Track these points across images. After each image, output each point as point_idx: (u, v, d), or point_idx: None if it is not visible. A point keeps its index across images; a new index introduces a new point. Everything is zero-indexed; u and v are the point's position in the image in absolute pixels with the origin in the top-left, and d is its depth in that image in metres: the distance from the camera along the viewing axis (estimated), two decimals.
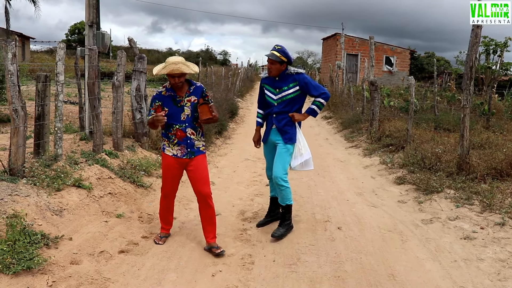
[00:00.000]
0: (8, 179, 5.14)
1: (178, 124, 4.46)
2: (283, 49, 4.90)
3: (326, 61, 39.89)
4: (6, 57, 4.98)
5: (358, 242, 4.94)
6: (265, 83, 5.18)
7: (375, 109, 11.82)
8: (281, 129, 4.99)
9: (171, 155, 4.54)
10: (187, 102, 4.47)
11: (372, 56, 12.68)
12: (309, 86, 4.96)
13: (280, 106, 5.01)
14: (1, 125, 10.66)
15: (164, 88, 4.52)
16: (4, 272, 3.67)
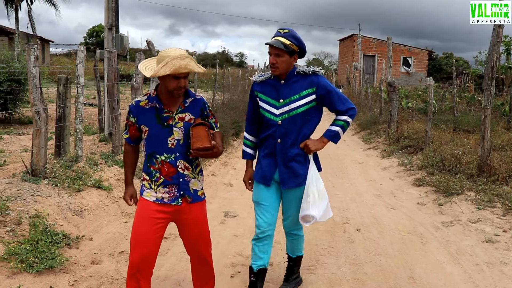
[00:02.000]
0: (30, 179, 5.23)
1: (165, 154, 2.91)
2: (293, 33, 3.18)
3: (343, 62, 39.72)
4: (29, 60, 5.07)
5: (378, 244, 4.90)
6: (260, 90, 3.37)
7: (393, 110, 11.73)
8: (289, 164, 3.31)
9: (153, 200, 2.94)
10: (179, 121, 2.91)
11: (390, 57, 12.59)
12: (333, 96, 3.27)
13: (286, 125, 3.26)
14: (23, 127, 10.86)
15: (146, 96, 2.96)
16: (28, 270, 3.73)
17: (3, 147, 7.93)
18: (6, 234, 4.17)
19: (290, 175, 3.32)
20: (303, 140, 3.30)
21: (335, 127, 3.33)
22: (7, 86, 10.16)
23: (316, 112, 3.33)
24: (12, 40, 27.19)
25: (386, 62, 12.90)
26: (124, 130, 3.09)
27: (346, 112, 3.32)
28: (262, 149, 3.44)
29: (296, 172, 3.31)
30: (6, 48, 12.83)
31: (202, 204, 3.11)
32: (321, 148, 3.33)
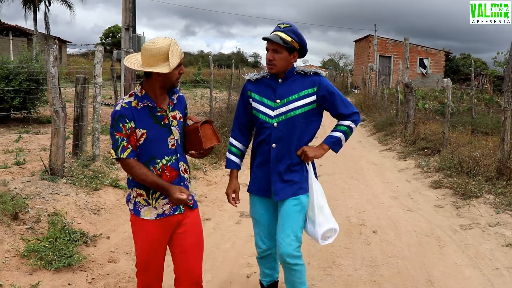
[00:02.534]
0: (49, 178, 5.30)
1: (166, 157, 2.61)
2: (294, 28, 2.90)
3: (358, 63, 39.50)
4: (48, 60, 5.14)
5: (394, 246, 4.86)
6: (254, 90, 3.05)
7: (410, 111, 11.63)
8: (283, 172, 2.96)
9: (153, 218, 2.62)
10: (173, 119, 2.66)
11: (407, 57, 12.49)
12: (336, 98, 2.97)
13: (282, 128, 2.92)
14: (41, 126, 11.00)
15: (133, 97, 2.59)
16: (47, 268, 3.78)
17: (22, 146, 8.04)
18: (26, 231, 4.23)
19: (284, 184, 2.94)
20: (300, 147, 2.95)
21: (337, 133, 3.00)
22: (26, 85, 10.30)
23: (316, 116, 2.99)
24: (30, 40, 27.58)
25: (403, 63, 12.80)
26: (119, 149, 2.52)
27: (349, 117, 2.99)
28: (255, 158, 3.08)
29: (291, 180, 2.94)
30: (25, 48, 13.01)
31: (198, 211, 2.84)
32: (320, 156, 2.98)
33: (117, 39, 48.57)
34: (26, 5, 30.51)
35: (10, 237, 4.05)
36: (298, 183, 2.95)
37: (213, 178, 7.40)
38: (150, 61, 2.49)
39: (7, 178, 5.35)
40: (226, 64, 44.77)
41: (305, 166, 3.00)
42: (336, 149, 3.03)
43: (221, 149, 8.89)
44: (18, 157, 6.73)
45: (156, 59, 2.49)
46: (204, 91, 25.36)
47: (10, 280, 3.53)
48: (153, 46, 2.48)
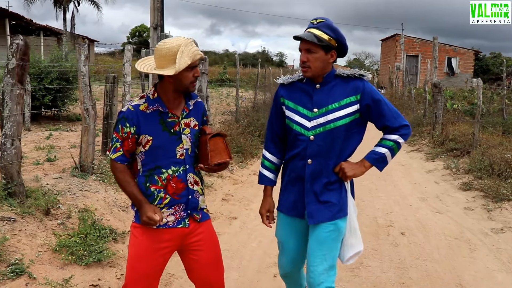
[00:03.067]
0: (79, 175, 5.40)
1: (172, 167, 2.43)
2: (329, 23, 2.50)
3: (385, 63, 39.06)
4: (79, 59, 5.23)
5: (423, 248, 4.79)
6: (287, 96, 2.66)
7: (438, 112, 11.44)
8: (319, 192, 2.57)
9: (154, 226, 2.43)
10: (185, 127, 2.47)
11: (435, 57, 12.28)
12: (382, 107, 2.54)
13: (319, 142, 2.53)
14: (71, 124, 11.22)
15: (144, 99, 2.44)
16: (77, 262, 3.86)
17: (53, 143, 8.23)
18: (57, 227, 4.31)
19: (319, 205, 2.56)
20: (339, 163, 2.57)
21: (381, 149, 2.56)
22: (57, 84, 10.53)
23: (358, 128, 2.58)
24: (60, 40, 28.17)
25: (431, 62, 12.59)
26: (112, 148, 2.42)
27: (397, 130, 2.54)
28: (287, 174, 2.70)
29: (328, 201, 2.56)
30: (56, 48, 13.30)
31: (211, 223, 2.63)
32: (360, 174, 2.58)
33: (144, 38, 49.24)
34: (57, 5, 31.18)
35: (42, 232, 4.14)
36: (336, 205, 2.56)
37: (239, 177, 7.43)
38: (160, 62, 2.33)
39: (39, 174, 5.47)
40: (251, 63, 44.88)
41: (344, 185, 2.62)
42: (380, 167, 2.60)
43: (247, 147, 8.92)
44: (50, 154, 6.89)
45: (166, 60, 2.31)
46: (229, 90, 25.45)
47: (44, 274, 3.61)
48: (163, 46, 2.32)
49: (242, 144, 8.82)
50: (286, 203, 2.68)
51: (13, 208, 4.20)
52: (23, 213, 4.19)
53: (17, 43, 4.02)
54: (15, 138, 4.27)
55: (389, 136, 2.56)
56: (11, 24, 23.54)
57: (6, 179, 4.30)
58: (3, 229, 3.90)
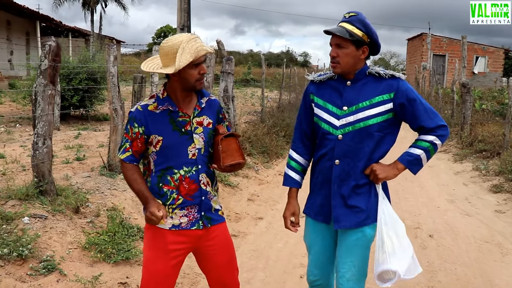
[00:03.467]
0: (107, 174, 5.49)
1: (184, 168, 2.37)
2: (361, 17, 2.40)
3: (411, 62, 38.51)
4: (108, 59, 5.31)
5: (452, 251, 4.70)
6: (317, 93, 2.55)
7: (467, 112, 11.23)
8: (346, 195, 2.44)
9: (168, 227, 2.39)
10: (197, 125, 2.40)
11: (464, 56, 12.08)
12: (417, 106, 2.39)
13: (348, 141, 2.41)
14: (98, 123, 11.41)
15: (154, 99, 2.39)
16: (106, 260, 3.92)
17: (82, 142, 8.38)
18: (87, 225, 4.39)
19: (346, 210, 2.42)
20: (369, 165, 2.41)
21: (416, 150, 2.40)
22: (85, 84, 10.72)
23: (391, 128, 2.44)
24: (88, 41, 28.69)
25: (459, 62, 12.37)
26: (121, 148, 2.39)
27: (434, 131, 2.38)
28: (314, 176, 2.59)
29: (355, 205, 2.41)
30: (84, 49, 13.55)
31: (225, 226, 2.56)
32: (393, 177, 2.41)
33: None
34: (85, 7, 31.77)
35: (72, 230, 4.22)
36: (364, 211, 2.41)
37: (265, 177, 7.43)
38: (164, 60, 2.27)
39: (69, 173, 5.58)
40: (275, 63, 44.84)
41: (374, 188, 2.44)
42: (414, 169, 2.44)
43: (272, 148, 8.91)
44: (78, 153, 7.02)
45: (169, 58, 2.23)
46: (254, 90, 25.48)
47: (74, 271, 3.68)
48: (165, 44, 2.25)
49: (267, 144, 8.83)
50: (313, 207, 2.57)
51: (44, 206, 4.30)
52: (54, 211, 4.28)
53: (49, 44, 4.10)
54: (46, 137, 4.36)
55: (425, 137, 2.40)
56: (41, 26, 24.10)
57: (37, 177, 4.40)
58: (35, 226, 3.99)
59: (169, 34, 50.58)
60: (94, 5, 31.75)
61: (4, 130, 9.45)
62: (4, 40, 21.29)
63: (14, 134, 9.20)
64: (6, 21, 22.07)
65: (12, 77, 20.00)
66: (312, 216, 2.59)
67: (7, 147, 7.54)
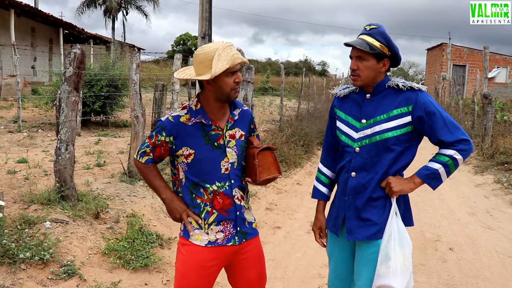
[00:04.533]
0: (127, 180, 5.54)
1: (217, 183, 2.30)
2: (382, 30, 2.37)
3: (430, 72, 38.16)
4: (131, 67, 5.38)
5: (473, 265, 4.62)
6: (340, 107, 2.58)
7: (488, 123, 11.08)
8: (360, 207, 2.41)
9: (203, 245, 2.32)
10: (230, 139, 2.34)
11: (486, 67, 11.94)
12: (437, 119, 2.33)
13: (364, 154, 2.41)
14: (118, 130, 11.54)
15: (186, 110, 2.32)
16: (125, 267, 3.95)
17: (102, 148, 8.47)
18: (106, 230, 4.44)
19: (359, 222, 2.40)
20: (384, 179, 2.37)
21: (435, 164, 2.33)
22: (106, 91, 10.87)
23: (410, 142, 2.39)
24: (109, 48, 29.11)
25: (481, 72, 12.22)
26: (140, 152, 2.33)
27: (454, 145, 2.30)
28: (337, 186, 2.59)
29: (368, 219, 2.38)
30: (106, 56, 13.75)
31: (258, 239, 2.48)
32: (409, 191, 2.37)
33: (188, 46, 50.20)
34: (106, 14, 32.29)
35: (92, 235, 4.27)
36: (377, 225, 2.36)
37: (283, 187, 7.41)
38: (198, 68, 2.21)
39: (89, 178, 5.65)
40: (293, 72, 44.87)
41: (390, 202, 2.38)
42: (432, 184, 2.35)
43: (291, 157, 8.90)
44: (99, 159, 7.10)
45: (204, 66, 2.18)
46: (272, 99, 25.52)
47: (93, 276, 3.71)
48: (200, 52, 2.20)
49: (286, 154, 8.81)
50: (330, 219, 2.58)
51: (65, 211, 4.36)
52: (74, 216, 4.34)
53: (74, 52, 4.18)
54: (69, 143, 4.43)
55: (444, 151, 2.32)
56: (64, 33, 24.54)
57: (59, 182, 4.46)
58: (56, 230, 4.05)
59: (188, 42, 51.11)
60: (115, 13, 32.24)
61: (27, 135, 9.62)
62: (28, 47, 21.72)
63: (36, 139, 9.35)
64: (31, 28, 22.54)
65: (35, 83, 20.37)
66: (329, 227, 2.59)
67: (29, 151, 7.66)
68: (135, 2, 33.31)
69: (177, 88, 6.18)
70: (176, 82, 6.18)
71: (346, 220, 2.44)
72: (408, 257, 2.32)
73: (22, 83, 15.21)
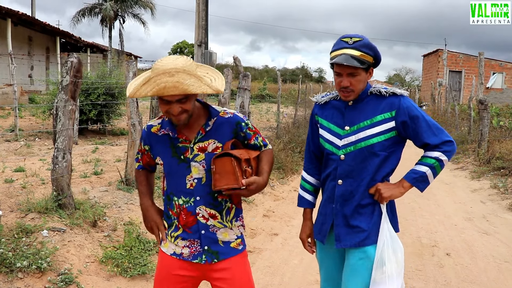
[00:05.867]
0: (124, 188, 5.55)
1: (182, 197, 2.18)
2: (366, 41, 2.34)
3: (426, 79, 38.34)
4: (128, 75, 5.41)
5: (470, 270, 4.64)
6: (321, 114, 2.54)
7: (484, 129, 11.13)
8: (348, 215, 2.39)
9: (169, 253, 2.24)
10: (199, 152, 2.15)
11: (481, 73, 12.00)
12: (420, 123, 2.34)
13: (350, 161, 2.38)
14: (115, 138, 11.54)
15: (160, 120, 2.25)
16: (123, 274, 3.96)
17: (99, 156, 8.48)
18: (104, 238, 4.44)
19: (347, 229, 2.38)
20: (373, 185, 2.37)
21: (422, 167, 2.36)
22: (103, 99, 10.89)
23: (394, 147, 2.38)
24: (105, 56, 29.16)
25: (476, 78, 12.30)
26: (135, 157, 2.44)
27: (439, 147, 2.33)
28: (322, 195, 2.56)
29: (357, 226, 2.36)
30: (102, 64, 13.79)
31: (241, 258, 2.27)
32: (399, 196, 2.36)
33: (185, 54, 50.31)
34: (103, 23, 32.35)
35: (90, 243, 4.27)
36: (365, 232, 2.34)
37: (280, 193, 7.43)
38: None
39: (87, 187, 5.66)
40: (290, 79, 45.00)
41: (378, 208, 2.38)
42: (420, 187, 2.37)
43: (288, 164, 8.92)
44: (96, 167, 7.11)
45: None
46: (269, 106, 25.58)
47: (91, 284, 3.71)
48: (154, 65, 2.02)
49: (283, 160, 8.84)
50: (316, 226, 2.56)
51: (62, 219, 4.36)
52: (72, 224, 4.34)
53: (71, 61, 4.20)
54: (66, 151, 4.44)
55: (430, 154, 2.35)
56: (61, 42, 24.59)
57: (57, 191, 4.47)
58: (54, 239, 4.05)
59: (185, 50, 51.25)
60: (112, 22, 32.31)
61: (24, 144, 9.62)
62: (25, 56, 21.76)
63: (33, 147, 9.36)
64: (28, 37, 22.59)
65: (32, 91, 20.39)
66: (314, 235, 2.57)
67: (26, 160, 7.66)
68: (132, 10, 33.38)
69: None
70: None
71: (334, 227, 2.41)
72: (401, 261, 2.33)
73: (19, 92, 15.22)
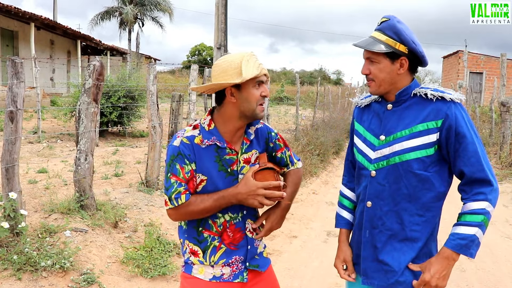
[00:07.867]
0: (145, 190, 5.61)
1: (230, 213, 1.99)
2: (392, 23, 1.89)
3: (446, 80, 37.86)
4: (148, 78, 5.47)
5: (493, 275, 4.56)
6: (358, 119, 2.15)
7: (506, 131, 10.95)
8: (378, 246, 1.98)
9: (208, 279, 2.00)
10: (244, 164, 2.00)
11: (503, 74, 11.84)
12: (465, 145, 1.84)
13: (381, 179, 1.96)
14: (135, 140, 11.68)
15: (198, 130, 1.96)
16: (143, 275, 4.00)
17: (119, 158, 8.58)
18: (125, 239, 4.50)
19: (377, 264, 1.97)
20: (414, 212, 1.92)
21: (468, 229, 1.84)
22: (123, 102, 11.03)
23: (438, 166, 1.90)
24: (125, 59, 29.51)
25: (499, 79, 12.11)
26: (173, 195, 1.90)
27: (482, 193, 1.86)
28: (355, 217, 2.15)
29: (387, 264, 1.95)
30: (123, 67, 13.98)
31: (271, 268, 2.17)
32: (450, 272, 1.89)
33: (203, 57, 50.61)
34: (121, 26, 32.76)
35: (111, 244, 4.33)
36: (395, 273, 1.93)
37: (299, 196, 7.42)
38: (221, 78, 1.89)
39: (108, 188, 5.74)
40: (308, 81, 44.89)
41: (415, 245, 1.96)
42: (473, 254, 1.85)
43: (307, 166, 8.90)
44: (117, 169, 7.20)
45: (228, 75, 1.87)
46: (287, 108, 25.56)
47: (112, 284, 3.76)
48: (224, 60, 1.91)
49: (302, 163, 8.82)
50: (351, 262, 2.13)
51: (84, 220, 4.43)
52: (93, 225, 4.41)
53: (94, 64, 4.28)
54: (88, 153, 4.51)
55: (474, 206, 1.86)
56: (82, 45, 24.98)
57: (79, 192, 4.54)
58: (76, 239, 4.11)
59: (203, 53, 51.51)
60: (131, 25, 32.68)
61: (47, 146, 9.79)
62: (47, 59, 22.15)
63: (55, 149, 9.52)
64: (50, 40, 23.01)
65: (54, 94, 20.74)
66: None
67: (49, 162, 7.80)
68: (150, 14, 33.72)
69: (193, 99, 6.26)
70: (192, 92, 6.26)
71: (361, 260, 2.03)
72: None
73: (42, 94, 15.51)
